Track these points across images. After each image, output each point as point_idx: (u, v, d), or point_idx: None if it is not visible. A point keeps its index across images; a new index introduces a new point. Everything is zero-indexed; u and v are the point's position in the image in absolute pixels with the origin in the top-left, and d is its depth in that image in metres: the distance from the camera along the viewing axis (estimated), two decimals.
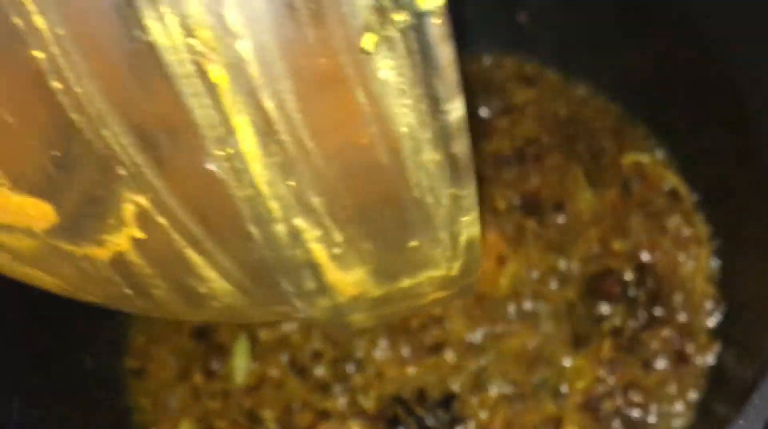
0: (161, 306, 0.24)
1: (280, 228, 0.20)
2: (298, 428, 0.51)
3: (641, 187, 0.54)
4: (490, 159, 0.57)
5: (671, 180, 0.54)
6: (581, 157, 0.56)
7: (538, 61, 0.59)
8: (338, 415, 0.51)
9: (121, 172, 0.19)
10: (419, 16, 0.18)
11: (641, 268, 0.52)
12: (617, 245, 0.53)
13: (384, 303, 0.25)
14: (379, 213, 0.21)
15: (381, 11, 0.18)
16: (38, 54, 0.17)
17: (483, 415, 0.50)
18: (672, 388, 0.48)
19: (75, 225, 0.21)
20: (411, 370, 0.51)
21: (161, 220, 0.20)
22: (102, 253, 0.22)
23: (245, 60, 0.17)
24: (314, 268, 0.22)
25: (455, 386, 0.51)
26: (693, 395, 0.48)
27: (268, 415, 0.52)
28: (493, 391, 0.50)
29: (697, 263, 0.51)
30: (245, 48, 0.17)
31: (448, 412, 0.50)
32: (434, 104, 0.19)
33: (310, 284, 0.23)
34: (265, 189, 0.19)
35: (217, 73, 0.18)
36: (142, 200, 0.20)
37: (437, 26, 0.18)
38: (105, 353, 0.54)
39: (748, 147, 0.48)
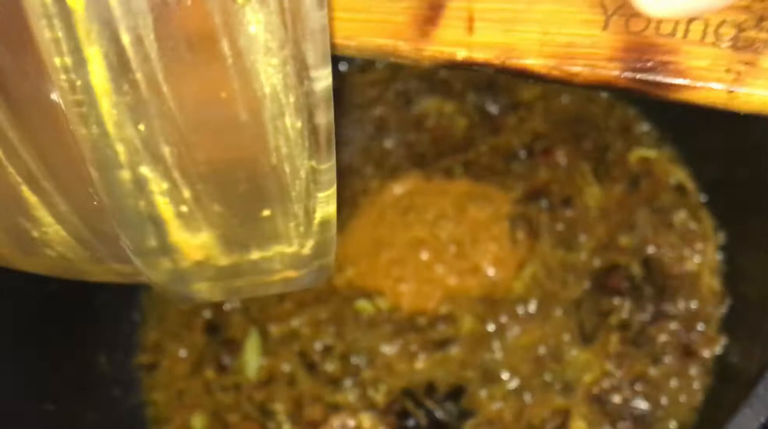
0: None
1: (125, 174, 0.19)
2: (308, 421, 0.51)
3: (648, 182, 0.54)
4: (500, 153, 0.57)
5: (677, 175, 0.54)
6: (588, 153, 0.56)
7: None
8: (348, 408, 0.51)
9: None
10: None
11: (648, 263, 0.52)
12: (624, 240, 0.53)
13: (231, 274, 0.23)
14: (232, 174, 0.20)
15: None
16: None
17: (492, 408, 0.50)
18: (679, 381, 0.49)
19: None
20: (420, 365, 0.52)
21: None
22: None
23: None
24: (158, 224, 0.21)
25: (464, 380, 0.51)
26: (699, 388, 0.48)
27: (279, 408, 0.52)
28: (502, 384, 0.51)
29: (703, 258, 0.52)
30: None
31: (457, 405, 0.50)
32: (301, 69, 0.18)
33: (152, 242, 0.21)
34: (111, 129, 0.18)
35: None
36: None
37: None
38: (119, 351, 0.55)
39: (754, 143, 0.48)
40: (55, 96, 0.18)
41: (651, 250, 0.52)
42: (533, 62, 0.25)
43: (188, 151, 0.19)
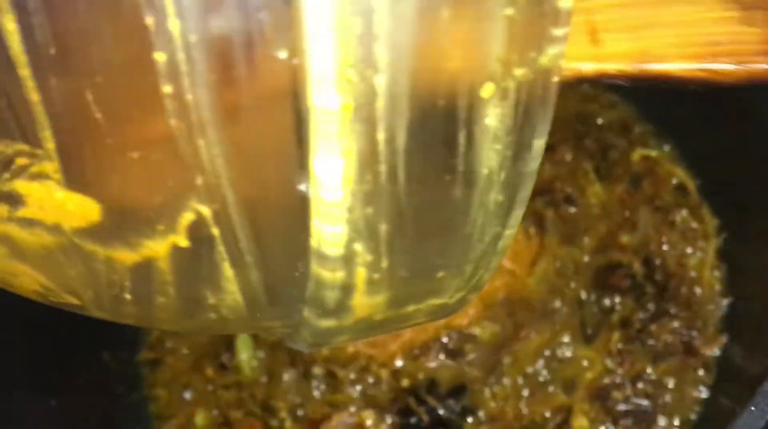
0: (149, 313, 0.23)
1: (338, 251, 0.20)
2: (311, 419, 0.51)
3: (649, 181, 0.55)
4: None
5: (679, 175, 0.55)
6: (591, 152, 0.56)
7: None
8: (351, 405, 0.51)
9: (199, 181, 0.19)
10: (537, 73, 0.19)
11: (649, 262, 0.52)
12: (625, 239, 0.53)
13: (378, 326, 0.24)
14: (430, 244, 0.21)
15: (506, 64, 0.18)
16: (159, 57, 0.18)
17: (494, 405, 0.50)
18: (680, 379, 0.49)
19: (117, 227, 0.20)
20: (423, 363, 0.52)
21: (215, 231, 0.20)
22: (129, 257, 0.21)
23: (377, 93, 0.18)
24: (347, 290, 0.21)
25: (467, 378, 0.51)
26: (701, 386, 0.49)
27: (281, 405, 0.52)
28: (505, 381, 0.51)
29: (704, 256, 0.52)
30: (380, 83, 0.18)
31: (459, 402, 0.51)
32: (519, 152, 0.20)
33: (330, 304, 0.22)
34: (342, 213, 0.19)
35: (346, 101, 0.18)
36: (205, 210, 0.19)
37: (551, 85, 0.19)
38: (122, 347, 0.55)
39: (755, 142, 0.48)
40: (303, 187, 0.19)
41: (652, 248, 0.52)
42: (675, 66, 0.25)
43: (401, 228, 0.20)
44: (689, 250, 0.52)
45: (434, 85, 0.18)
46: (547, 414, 0.50)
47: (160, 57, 0.17)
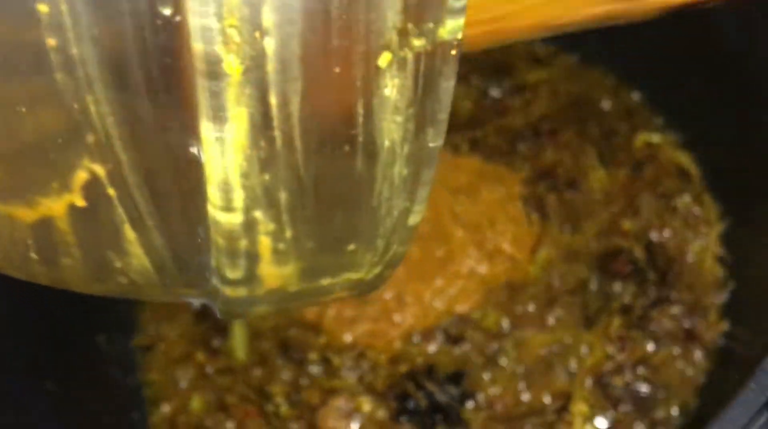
0: (59, 274, 0.23)
1: (237, 217, 0.20)
2: (307, 404, 0.51)
3: (652, 167, 0.54)
4: (506, 133, 0.57)
5: (682, 161, 0.54)
6: (593, 137, 0.56)
7: (551, 44, 0.59)
8: (348, 390, 0.51)
9: (89, 139, 0.19)
10: (437, 45, 0.19)
11: (651, 248, 0.52)
12: (627, 225, 0.53)
13: (293, 298, 0.24)
14: (334, 215, 0.21)
15: (404, 34, 0.18)
16: (42, 8, 0.17)
17: (493, 390, 0.50)
18: (680, 365, 0.49)
19: (13, 183, 0.20)
20: (423, 348, 0.52)
21: (111, 191, 0.20)
22: (27, 215, 0.21)
23: (266, 56, 0.18)
24: (252, 259, 0.22)
25: (466, 363, 0.51)
26: (701, 372, 0.49)
27: (276, 390, 0.52)
28: (504, 367, 0.51)
29: (706, 242, 0.52)
30: (270, 45, 0.18)
31: (458, 388, 0.50)
32: (420, 125, 0.20)
33: (239, 273, 0.22)
34: (236, 179, 0.19)
35: (233, 64, 0.18)
36: (99, 169, 0.19)
37: (450, 58, 0.19)
38: (118, 331, 0.55)
39: (759, 128, 0.48)
40: (194, 149, 0.19)
41: (654, 234, 0.52)
42: None
43: (301, 197, 0.20)
44: (691, 237, 0.52)
45: (328, 51, 0.18)
46: (547, 399, 0.49)
47: (42, 8, 0.17)
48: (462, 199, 0.54)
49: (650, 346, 0.49)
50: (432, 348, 0.51)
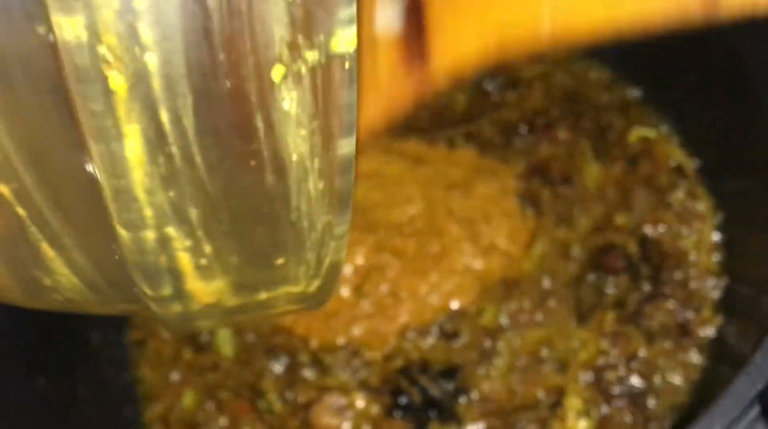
0: None
1: (149, 235, 0.20)
2: (300, 401, 0.51)
3: (647, 162, 0.54)
4: (501, 127, 0.57)
5: (676, 156, 0.54)
6: (588, 132, 0.56)
7: None
8: (341, 387, 0.51)
9: None
10: (330, 58, 0.18)
11: (645, 242, 0.52)
12: (621, 220, 0.53)
13: (236, 312, 0.24)
14: (253, 230, 0.21)
15: (294, 47, 0.18)
16: None
17: (486, 385, 0.50)
18: (674, 360, 0.49)
19: None
20: (417, 344, 0.52)
21: (20, 211, 0.20)
22: None
23: (150, 72, 0.18)
24: (176, 275, 0.22)
25: (460, 358, 0.51)
26: (695, 367, 0.48)
27: (269, 386, 0.52)
28: (498, 362, 0.50)
29: (700, 237, 0.52)
30: (152, 61, 0.17)
31: (451, 383, 0.50)
32: (328, 139, 0.20)
33: (167, 290, 0.22)
34: (142, 196, 0.19)
35: (117, 80, 0.18)
36: (4, 189, 0.19)
37: (346, 70, 0.19)
38: (110, 328, 0.54)
39: (753, 124, 0.48)
40: (90, 167, 0.19)
41: (648, 229, 0.52)
42: None
43: (214, 213, 0.20)
44: (685, 232, 0.52)
45: (214, 66, 0.18)
46: (541, 395, 0.49)
47: None
48: (457, 195, 0.54)
49: (644, 341, 0.49)
50: (426, 343, 0.51)
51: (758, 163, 0.48)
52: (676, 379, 0.48)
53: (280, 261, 0.22)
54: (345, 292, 0.53)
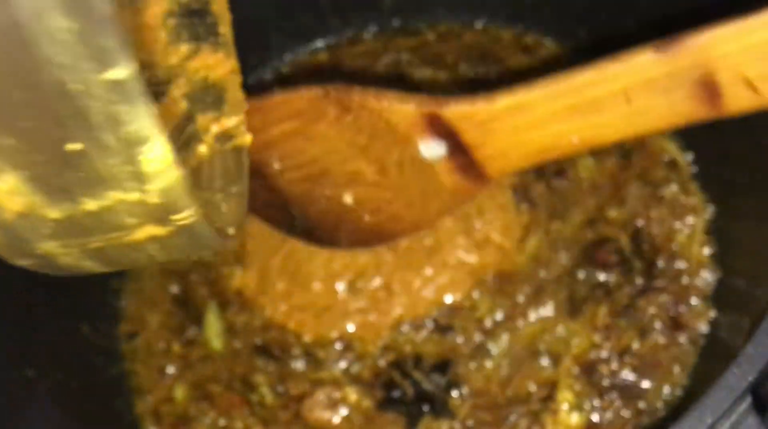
0: None
1: None
2: (292, 394, 0.51)
3: (640, 156, 0.54)
4: None
5: (670, 150, 0.54)
6: None
7: (539, 32, 0.59)
8: (334, 380, 0.51)
9: None
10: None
11: (637, 236, 0.52)
12: (614, 213, 0.53)
13: (77, 232, 0.21)
14: (11, 95, 0.18)
15: None
16: None
17: (479, 379, 0.50)
18: (667, 354, 0.49)
19: None
20: (410, 337, 0.52)
21: None
22: None
23: None
24: None
25: (453, 352, 0.51)
26: (687, 360, 0.48)
27: (261, 380, 0.52)
28: (491, 356, 0.50)
29: (692, 231, 0.52)
30: None
31: (444, 376, 0.50)
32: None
33: None
34: None
35: None
36: None
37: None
38: (101, 320, 0.54)
39: (746, 118, 0.48)
40: None
41: (640, 223, 0.52)
42: None
43: None
44: (678, 226, 0.52)
45: None
46: (533, 388, 0.49)
47: None
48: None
49: (636, 335, 0.49)
50: (419, 337, 0.51)
51: (751, 157, 0.48)
52: (669, 373, 0.48)
53: (70, 145, 0.19)
54: (339, 286, 0.53)
